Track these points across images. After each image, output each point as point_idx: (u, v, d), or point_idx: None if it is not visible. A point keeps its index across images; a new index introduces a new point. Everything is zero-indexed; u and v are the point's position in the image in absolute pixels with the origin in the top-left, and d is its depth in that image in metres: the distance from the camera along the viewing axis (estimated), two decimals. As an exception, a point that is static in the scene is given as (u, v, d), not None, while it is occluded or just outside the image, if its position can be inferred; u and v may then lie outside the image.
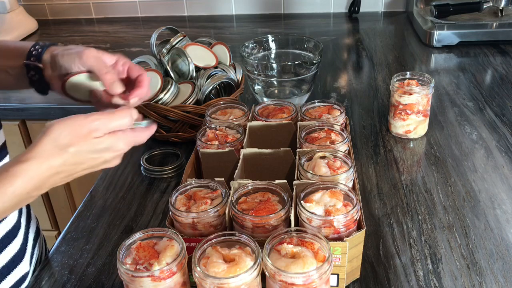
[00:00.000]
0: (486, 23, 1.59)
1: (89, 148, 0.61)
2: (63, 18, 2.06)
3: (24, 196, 0.58)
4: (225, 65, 1.14)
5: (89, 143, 0.61)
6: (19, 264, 0.80)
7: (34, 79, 0.76)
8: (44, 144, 0.59)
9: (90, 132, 0.61)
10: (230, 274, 0.58)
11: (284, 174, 0.85)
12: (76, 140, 0.60)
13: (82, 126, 0.61)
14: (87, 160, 0.62)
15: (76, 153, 0.60)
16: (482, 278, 0.73)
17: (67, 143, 0.60)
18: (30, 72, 0.75)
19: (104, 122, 0.63)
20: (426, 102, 1.05)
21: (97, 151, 0.62)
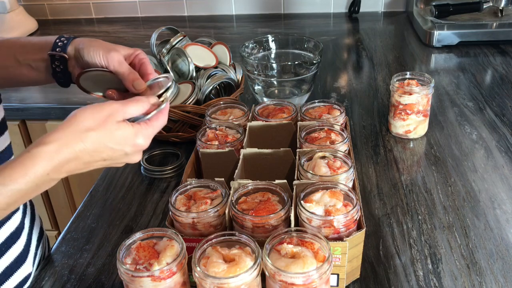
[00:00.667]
0: (486, 23, 1.59)
1: (109, 136, 0.62)
2: (63, 18, 2.06)
3: (44, 178, 0.59)
4: (225, 65, 1.14)
5: (109, 129, 0.62)
6: (22, 265, 0.80)
7: (58, 70, 0.77)
8: (65, 128, 0.60)
9: (110, 115, 0.62)
10: (230, 274, 0.58)
11: (284, 174, 0.85)
12: (97, 125, 0.61)
13: (102, 109, 0.62)
14: (107, 149, 0.62)
15: (96, 139, 0.61)
16: (482, 278, 0.73)
17: (87, 127, 0.60)
18: (55, 62, 0.77)
19: (122, 105, 0.64)
20: (426, 102, 1.05)
21: (118, 141, 0.62)
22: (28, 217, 0.85)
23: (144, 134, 0.65)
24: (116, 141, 0.62)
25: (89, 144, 0.60)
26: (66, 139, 0.59)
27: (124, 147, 0.63)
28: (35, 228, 0.88)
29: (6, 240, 0.77)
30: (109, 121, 0.62)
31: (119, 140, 0.63)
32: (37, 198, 1.50)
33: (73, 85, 0.79)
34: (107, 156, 0.63)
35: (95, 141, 0.61)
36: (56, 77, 0.78)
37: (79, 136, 0.60)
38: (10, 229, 0.78)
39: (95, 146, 0.61)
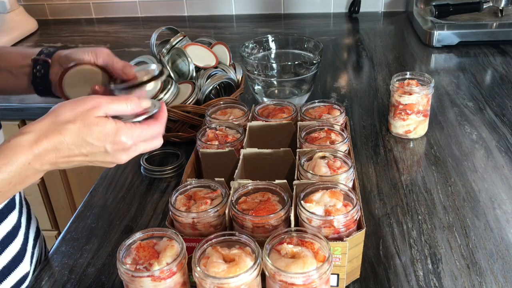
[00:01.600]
0: (486, 23, 1.59)
1: (87, 130, 0.60)
2: (63, 18, 2.06)
3: (27, 168, 0.58)
4: (225, 65, 1.14)
5: (87, 123, 0.60)
6: (20, 264, 0.80)
7: (38, 75, 0.77)
8: (45, 119, 0.60)
9: (91, 108, 0.60)
10: (230, 274, 0.58)
11: (284, 174, 0.85)
12: (76, 117, 0.60)
13: (83, 102, 0.61)
14: (85, 144, 0.60)
15: (74, 132, 0.59)
16: (482, 278, 0.73)
17: (67, 119, 0.59)
18: (37, 67, 0.77)
19: (107, 100, 0.62)
20: (426, 102, 1.05)
21: (97, 137, 0.60)
22: (25, 216, 0.85)
23: (127, 133, 0.62)
24: (95, 136, 0.60)
25: (67, 137, 0.59)
26: (45, 130, 0.59)
27: (104, 143, 0.61)
28: (32, 227, 0.88)
29: (3, 239, 0.77)
30: (89, 114, 0.60)
31: (98, 135, 0.60)
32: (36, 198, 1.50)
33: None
34: (87, 152, 0.61)
35: (73, 134, 0.59)
36: (35, 83, 0.78)
37: (57, 127, 0.59)
38: (7, 228, 0.78)
39: (73, 139, 0.59)
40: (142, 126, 0.64)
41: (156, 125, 0.66)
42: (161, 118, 0.67)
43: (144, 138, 0.64)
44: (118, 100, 0.63)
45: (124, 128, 0.62)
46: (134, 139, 0.63)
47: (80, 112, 0.60)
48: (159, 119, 0.67)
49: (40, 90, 0.79)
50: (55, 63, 0.77)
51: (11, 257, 0.79)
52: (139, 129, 0.63)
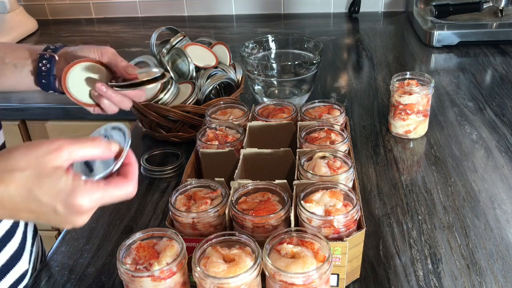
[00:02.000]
0: (486, 23, 1.59)
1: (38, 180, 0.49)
2: (63, 18, 2.06)
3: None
4: (225, 65, 1.14)
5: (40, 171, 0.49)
6: (18, 262, 0.81)
7: (43, 69, 0.77)
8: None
9: (50, 153, 0.50)
10: (230, 274, 0.58)
11: (284, 174, 0.85)
12: (28, 164, 0.49)
13: (41, 145, 0.50)
14: (31, 199, 0.49)
15: (20, 182, 0.49)
16: (482, 278, 0.73)
17: (15, 166, 0.49)
18: (43, 61, 0.77)
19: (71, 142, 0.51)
20: (426, 102, 1.05)
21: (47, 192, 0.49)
22: None
23: (84, 195, 0.51)
24: (44, 190, 0.49)
25: (11, 188, 0.49)
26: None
27: (55, 202, 0.50)
28: (30, 225, 0.88)
29: (2, 238, 0.77)
30: (44, 161, 0.49)
31: (47, 191, 0.49)
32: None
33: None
34: (33, 209, 0.50)
35: (19, 184, 0.49)
36: (40, 76, 0.78)
37: (2, 175, 0.49)
38: (5, 227, 0.78)
39: (19, 191, 0.49)
40: (106, 188, 0.53)
41: (126, 186, 0.55)
42: (131, 174, 0.56)
43: (107, 201, 0.54)
44: (84, 143, 0.52)
45: (83, 189, 0.51)
46: (92, 203, 0.52)
47: (35, 157, 0.49)
48: (129, 176, 0.56)
49: (45, 84, 0.79)
50: (61, 59, 0.78)
51: (9, 255, 0.79)
52: (101, 192, 0.53)
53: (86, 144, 0.52)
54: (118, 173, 0.56)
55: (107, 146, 0.55)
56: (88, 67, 0.77)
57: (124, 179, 0.55)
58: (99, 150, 0.54)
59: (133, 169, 0.57)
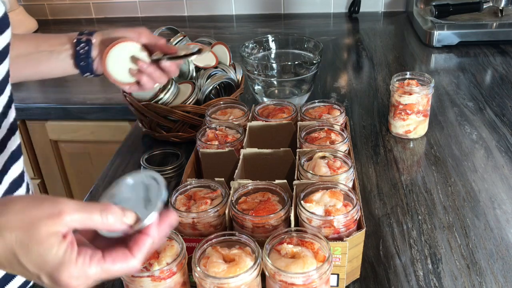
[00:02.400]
0: (486, 23, 1.59)
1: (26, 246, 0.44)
2: (63, 18, 2.06)
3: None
4: (225, 65, 1.14)
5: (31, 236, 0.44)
6: None
7: (82, 52, 0.80)
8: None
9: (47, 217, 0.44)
10: (230, 274, 0.58)
11: (284, 174, 0.85)
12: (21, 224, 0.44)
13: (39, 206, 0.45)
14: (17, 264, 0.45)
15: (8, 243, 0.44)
16: (482, 278, 0.73)
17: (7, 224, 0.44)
18: (80, 45, 0.80)
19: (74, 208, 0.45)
20: (426, 102, 1.05)
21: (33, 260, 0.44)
22: None
23: (75, 272, 0.45)
24: (30, 258, 0.44)
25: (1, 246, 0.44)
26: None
27: (39, 272, 0.45)
28: None
29: None
30: (37, 226, 0.44)
31: (34, 259, 0.44)
32: (37, 198, 1.50)
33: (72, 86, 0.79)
34: (18, 271, 0.46)
35: (5, 245, 0.44)
36: (78, 59, 0.80)
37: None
38: None
39: (4, 252, 0.44)
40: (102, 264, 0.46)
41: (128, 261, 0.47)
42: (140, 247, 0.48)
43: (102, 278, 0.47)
44: (91, 211, 0.46)
45: (72, 265, 0.45)
46: (80, 281, 0.46)
47: (30, 219, 0.44)
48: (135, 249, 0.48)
49: (83, 67, 0.81)
50: (98, 41, 0.81)
51: None
52: (94, 268, 0.46)
53: (93, 214, 0.46)
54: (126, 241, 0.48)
55: (119, 215, 0.47)
56: (127, 46, 0.79)
57: (127, 252, 0.47)
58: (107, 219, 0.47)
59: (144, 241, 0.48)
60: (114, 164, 1.07)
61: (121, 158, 1.09)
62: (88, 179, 1.46)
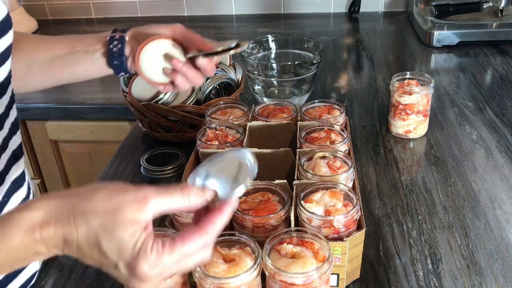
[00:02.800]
0: (486, 23, 1.59)
1: (110, 229, 0.45)
2: (63, 18, 2.06)
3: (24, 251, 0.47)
4: (225, 65, 1.14)
5: (116, 220, 0.45)
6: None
7: (115, 51, 0.77)
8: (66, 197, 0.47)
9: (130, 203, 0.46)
10: (230, 274, 0.58)
11: (284, 174, 0.85)
12: (106, 208, 0.46)
13: (124, 193, 0.46)
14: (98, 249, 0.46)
15: (92, 227, 0.45)
16: (482, 278, 0.73)
17: (91, 208, 0.46)
18: (114, 42, 0.77)
19: (156, 195, 0.47)
20: (426, 102, 1.05)
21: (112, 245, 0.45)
22: None
23: (151, 259, 0.46)
24: (112, 244, 0.45)
25: (81, 232, 0.46)
26: (57, 212, 0.46)
27: (117, 259, 0.46)
28: None
29: None
30: (123, 211, 0.45)
31: (115, 245, 0.45)
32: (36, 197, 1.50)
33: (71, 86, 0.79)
34: (96, 258, 0.47)
35: (90, 228, 0.45)
36: (111, 58, 0.78)
37: (75, 215, 0.46)
38: None
39: (87, 237, 0.46)
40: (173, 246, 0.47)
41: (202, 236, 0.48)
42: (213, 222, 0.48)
43: (180, 266, 0.48)
44: (171, 191, 0.48)
45: (149, 254, 0.46)
46: (159, 270, 0.47)
47: (116, 204, 0.46)
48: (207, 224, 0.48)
49: (117, 66, 0.79)
50: (131, 39, 0.78)
51: None
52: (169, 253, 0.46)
53: (174, 195, 0.48)
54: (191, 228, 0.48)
55: (200, 194, 0.49)
56: (161, 44, 0.76)
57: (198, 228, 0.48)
58: (190, 200, 0.48)
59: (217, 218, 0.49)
60: (114, 164, 1.07)
61: (121, 158, 1.09)
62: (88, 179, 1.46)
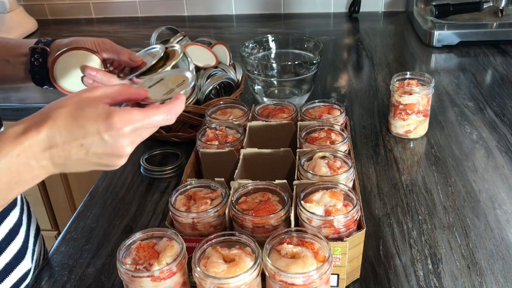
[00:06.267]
0: (486, 23, 1.59)
1: (79, 110, 0.53)
2: (63, 18, 2.06)
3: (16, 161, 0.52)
4: (225, 65, 1.14)
5: (81, 104, 0.54)
6: (22, 261, 0.80)
7: (36, 64, 0.76)
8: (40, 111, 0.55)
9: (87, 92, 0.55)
10: (230, 274, 0.58)
11: (284, 174, 0.85)
12: (71, 100, 0.55)
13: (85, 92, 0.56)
14: (78, 128, 0.53)
15: (66, 113, 0.53)
16: (482, 278, 0.73)
17: (60, 104, 0.54)
18: (35, 56, 0.76)
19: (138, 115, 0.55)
20: (426, 102, 1.05)
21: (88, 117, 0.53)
22: (25, 214, 0.86)
23: (121, 115, 0.54)
24: (86, 116, 0.53)
25: (59, 121, 0.53)
26: (37, 119, 0.54)
27: (97, 125, 0.53)
28: (32, 224, 0.88)
29: (5, 237, 0.77)
30: (85, 96, 0.55)
31: (89, 115, 0.53)
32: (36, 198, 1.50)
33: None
34: (82, 140, 0.53)
35: (65, 116, 0.53)
36: (32, 71, 0.76)
37: (49, 113, 0.53)
38: (8, 226, 0.78)
39: (65, 123, 0.53)
40: (143, 110, 0.56)
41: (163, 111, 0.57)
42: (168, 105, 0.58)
43: (145, 124, 0.56)
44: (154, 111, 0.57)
45: (119, 110, 0.54)
46: (130, 123, 0.55)
47: (77, 95, 0.56)
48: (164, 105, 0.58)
49: (37, 79, 0.77)
50: (54, 52, 0.76)
51: (13, 255, 0.79)
52: (137, 112, 0.55)
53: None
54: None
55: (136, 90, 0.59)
56: (77, 55, 0.74)
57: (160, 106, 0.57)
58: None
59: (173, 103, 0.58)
60: (114, 164, 1.07)
61: (121, 158, 1.09)
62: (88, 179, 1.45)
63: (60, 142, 0.53)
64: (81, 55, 0.75)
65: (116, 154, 0.55)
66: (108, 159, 0.56)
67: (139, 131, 0.56)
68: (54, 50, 0.77)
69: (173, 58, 0.74)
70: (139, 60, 0.76)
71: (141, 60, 0.76)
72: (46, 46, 0.76)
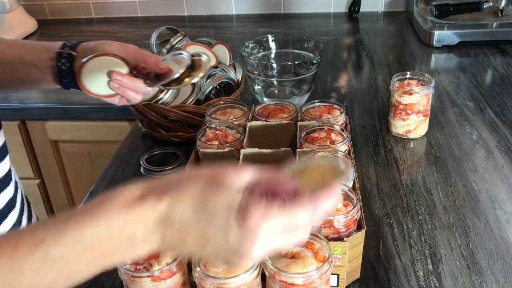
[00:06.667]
0: (486, 23, 1.59)
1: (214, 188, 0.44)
2: (63, 18, 2.06)
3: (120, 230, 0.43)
4: (225, 65, 1.14)
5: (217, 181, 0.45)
6: None
7: (63, 68, 0.76)
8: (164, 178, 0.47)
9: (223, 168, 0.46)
10: (230, 274, 0.58)
11: (284, 174, 0.85)
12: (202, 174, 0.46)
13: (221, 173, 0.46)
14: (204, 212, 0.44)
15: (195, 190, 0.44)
16: (483, 278, 0.73)
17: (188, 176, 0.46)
18: (61, 60, 0.76)
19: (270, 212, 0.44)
20: (426, 102, 1.05)
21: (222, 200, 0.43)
22: (25, 215, 0.85)
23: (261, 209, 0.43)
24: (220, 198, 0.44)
25: (185, 199, 0.44)
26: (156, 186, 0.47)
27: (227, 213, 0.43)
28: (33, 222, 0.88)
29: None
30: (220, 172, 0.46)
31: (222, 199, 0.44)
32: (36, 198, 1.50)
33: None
34: (203, 229, 0.44)
35: (193, 194, 0.44)
36: (60, 76, 0.77)
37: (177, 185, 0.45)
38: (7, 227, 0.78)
39: (192, 203, 0.44)
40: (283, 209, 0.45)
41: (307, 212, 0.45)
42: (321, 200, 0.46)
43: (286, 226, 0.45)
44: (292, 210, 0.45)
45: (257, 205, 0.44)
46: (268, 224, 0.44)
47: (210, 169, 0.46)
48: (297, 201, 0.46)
49: (65, 83, 0.78)
50: (80, 56, 0.76)
51: None
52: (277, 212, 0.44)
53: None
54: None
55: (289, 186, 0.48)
56: (105, 61, 0.75)
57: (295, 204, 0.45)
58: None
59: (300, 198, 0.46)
60: (114, 164, 1.07)
61: (121, 158, 1.09)
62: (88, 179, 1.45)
63: (177, 227, 0.44)
64: (108, 60, 0.75)
65: (237, 253, 0.45)
66: (226, 255, 0.46)
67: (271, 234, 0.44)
68: (80, 53, 0.77)
69: (200, 69, 0.74)
70: (166, 68, 0.75)
71: (168, 67, 0.75)
72: (72, 51, 0.77)
